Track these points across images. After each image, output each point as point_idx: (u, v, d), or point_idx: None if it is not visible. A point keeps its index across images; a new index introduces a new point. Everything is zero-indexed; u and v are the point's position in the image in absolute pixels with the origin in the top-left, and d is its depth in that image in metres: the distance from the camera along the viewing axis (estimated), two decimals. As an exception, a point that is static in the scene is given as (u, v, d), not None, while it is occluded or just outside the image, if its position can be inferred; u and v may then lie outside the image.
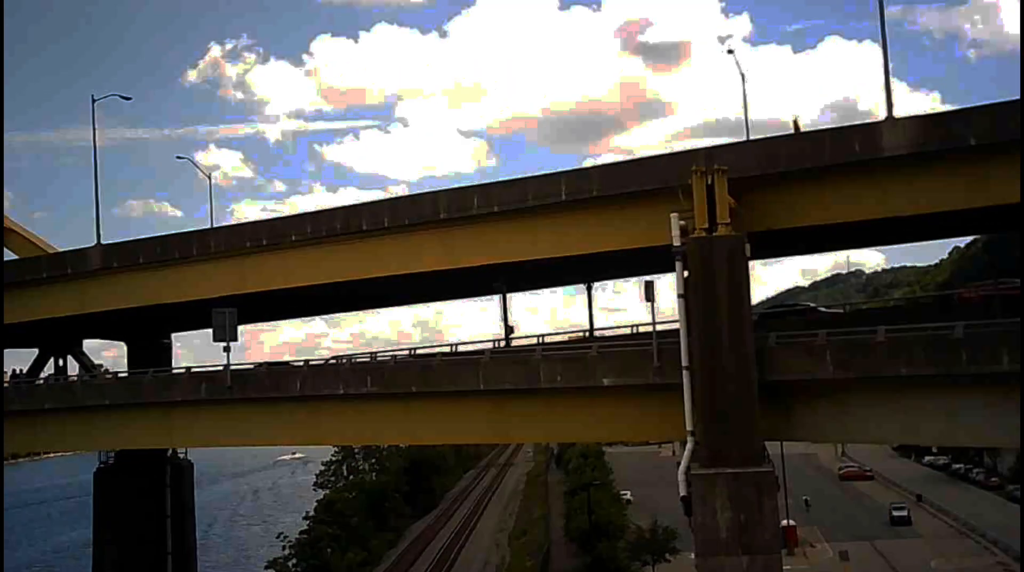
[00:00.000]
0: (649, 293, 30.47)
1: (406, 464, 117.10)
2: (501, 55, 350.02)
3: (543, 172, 34.10)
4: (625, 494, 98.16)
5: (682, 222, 28.49)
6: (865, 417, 27.83)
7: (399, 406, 35.68)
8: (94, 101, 45.99)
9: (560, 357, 32.51)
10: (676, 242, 28.46)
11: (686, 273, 28.44)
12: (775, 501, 27.43)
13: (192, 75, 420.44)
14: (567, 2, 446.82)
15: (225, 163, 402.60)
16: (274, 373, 38.71)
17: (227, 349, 37.27)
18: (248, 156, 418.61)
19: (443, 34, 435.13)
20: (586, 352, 31.70)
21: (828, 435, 30.15)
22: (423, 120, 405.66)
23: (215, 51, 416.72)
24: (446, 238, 35.44)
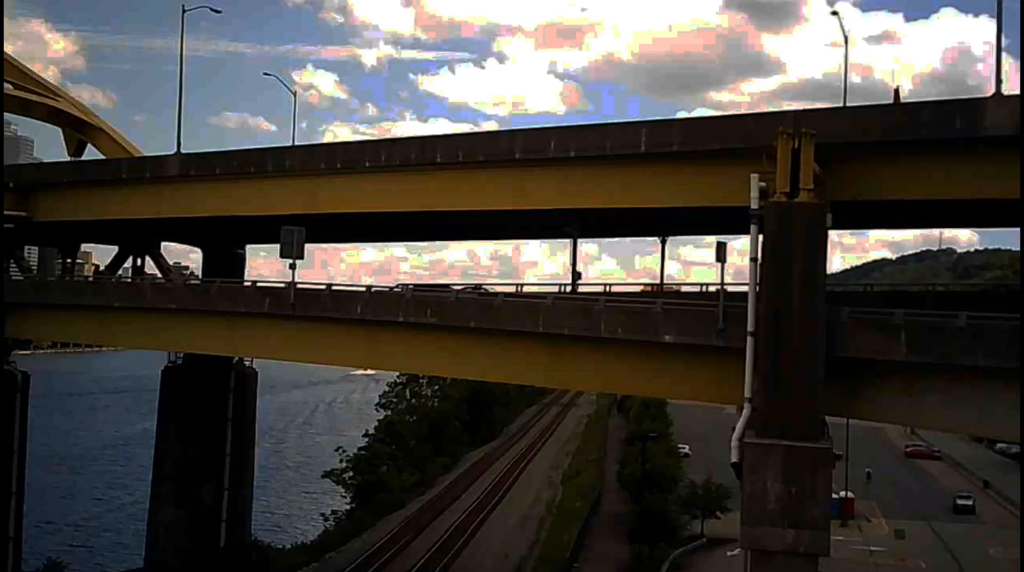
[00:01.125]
0: (721, 254, 29.53)
1: (468, 394, 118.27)
2: (603, 0, 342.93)
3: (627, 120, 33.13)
4: (683, 448, 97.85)
5: (762, 184, 27.31)
6: (936, 404, 26.66)
7: (457, 339, 35.44)
8: (184, 11, 46.05)
9: (623, 309, 31.80)
10: (754, 204, 27.29)
11: (761, 237, 27.42)
12: (829, 478, 26.57)
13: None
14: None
15: (321, 84, 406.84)
16: (336, 295, 38.76)
17: (293, 266, 37.33)
18: (343, 79, 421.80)
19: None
20: (650, 306, 30.94)
21: (895, 418, 29.12)
22: (519, 58, 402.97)
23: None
24: (520, 178, 34.67)
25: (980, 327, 25.06)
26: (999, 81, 26.53)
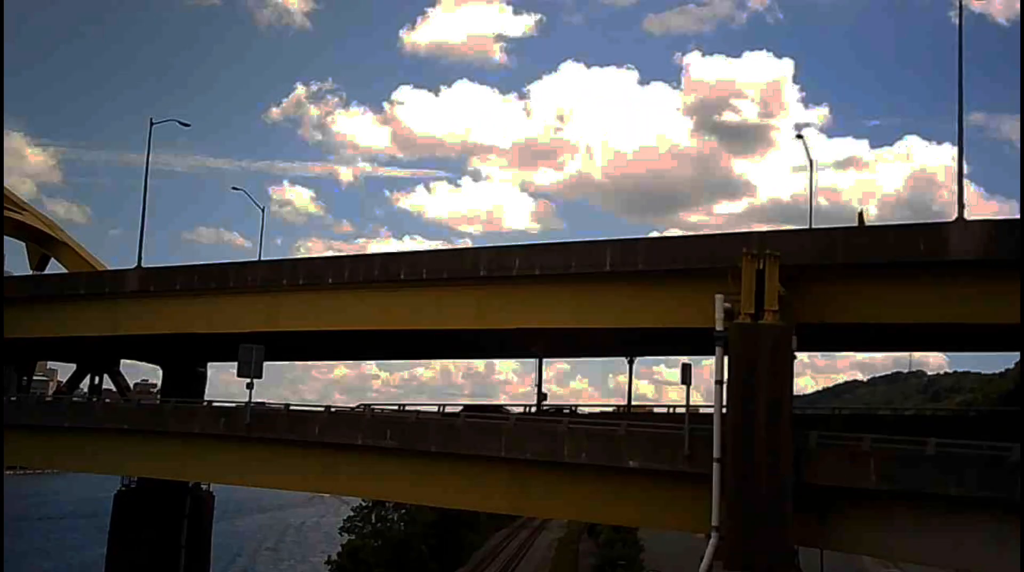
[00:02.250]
0: (686, 376, 28.94)
1: (435, 517, 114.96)
2: (577, 121, 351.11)
3: (592, 239, 32.91)
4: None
5: (727, 305, 26.99)
6: (909, 534, 25.70)
7: (418, 464, 34.25)
8: (152, 124, 46.16)
9: (586, 432, 30.95)
10: (719, 326, 26.93)
11: (726, 359, 26.88)
12: (800, 614, 25.52)
13: (276, 112, 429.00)
14: (646, 77, 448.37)
15: (297, 200, 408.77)
16: (293, 415, 37.66)
17: (250, 386, 36.35)
18: (320, 195, 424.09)
19: (522, 95, 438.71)
20: (614, 429, 30.12)
21: (867, 548, 28.02)
22: (494, 176, 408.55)
23: (300, 90, 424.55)
24: (483, 297, 34.21)
25: (950, 455, 24.39)
26: (961, 206, 26.60)
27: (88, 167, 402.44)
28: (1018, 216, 29.35)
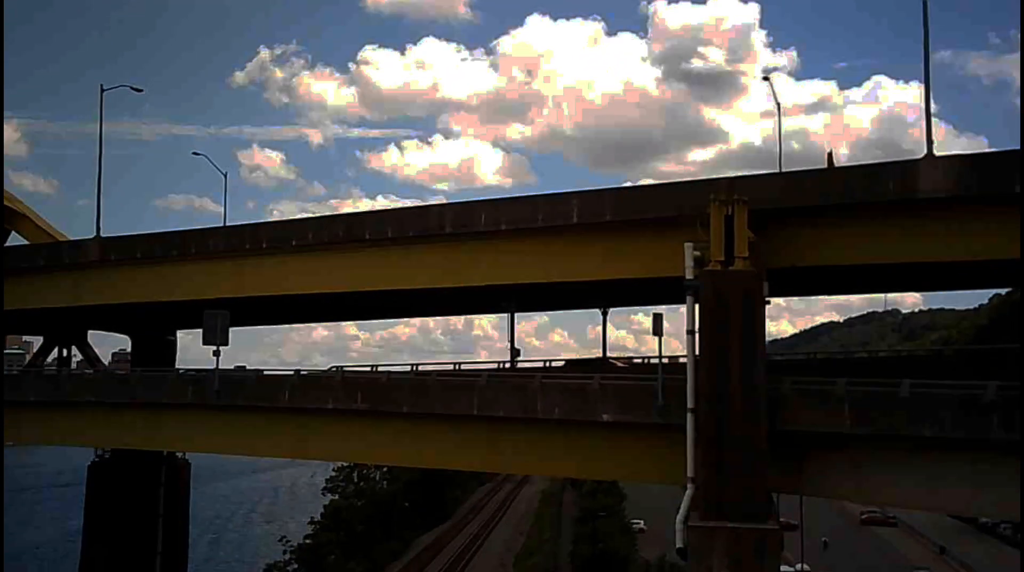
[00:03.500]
0: (657, 327, 28.45)
1: (418, 475, 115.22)
2: (545, 75, 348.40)
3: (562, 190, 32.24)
4: (637, 523, 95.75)
5: (697, 253, 26.47)
6: (884, 478, 25.54)
7: (390, 425, 33.78)
8: (103, 90, 44.80)
9: (559, 387, 30.49)
10: (689, 274, 26.42)
11: (697, 307, 26.43)
12: (778, 560, 25.35)
13: (240, 77, 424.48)
14: (613, 27, 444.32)
15: (268, 164, 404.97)
16: (263, 381, 37.05)
17: (216, 353, 35.65)
18: (290, 159, 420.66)
19: (489, 51, 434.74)
20: (587, 383, 29.69)
21: (843, 494, 27.93)
22: (464, 133, 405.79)
23: (264, 54, 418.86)
24: (451, 254, 33.57)
25: (924, 396, 24.11)
26: (930, 142, 26.09)
27: (54, 139, 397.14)
28: (986, 150, 28.92)
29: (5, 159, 44.21)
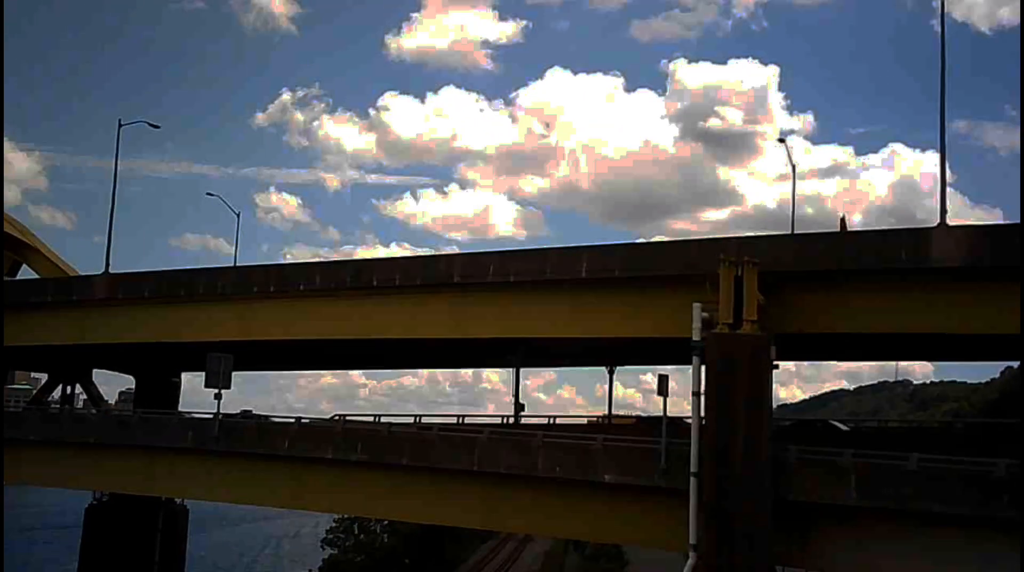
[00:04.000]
0: (662, 388, 28.05)
1: (419, 529, 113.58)
2: (563, 128, 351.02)
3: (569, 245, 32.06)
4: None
5: (705, 314, 26.20)
6: (889, 553, 24.83)
7: (390, 478, 33.27)
8: (120, 126, 45.12)
9: (561, 445, 30.01)
10: (696, 335, 26.11)
11: (703, 369, 26.05)
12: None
13: (261, 118, 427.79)
14: (632, 84, 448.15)
15: (284, 207, 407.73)
16: (263, 428, 36.64)
17: (218, 396, 35.37)
18: (306, 202, 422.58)
19: (508, 102, 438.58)
20: (590, 443, 29.21)
21: (848, 568, 27.17)
22: (480, 183, 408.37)
23: (286, 97, 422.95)
24: (458, 305, 33.30)
25: (932, 469, 23.57)
26: (943, 211, 25.90)
27: (74, 173, 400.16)
28: (1001, 222, 28.69)
29: (25, 193, 44.34)
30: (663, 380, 28.15)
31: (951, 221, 25.97)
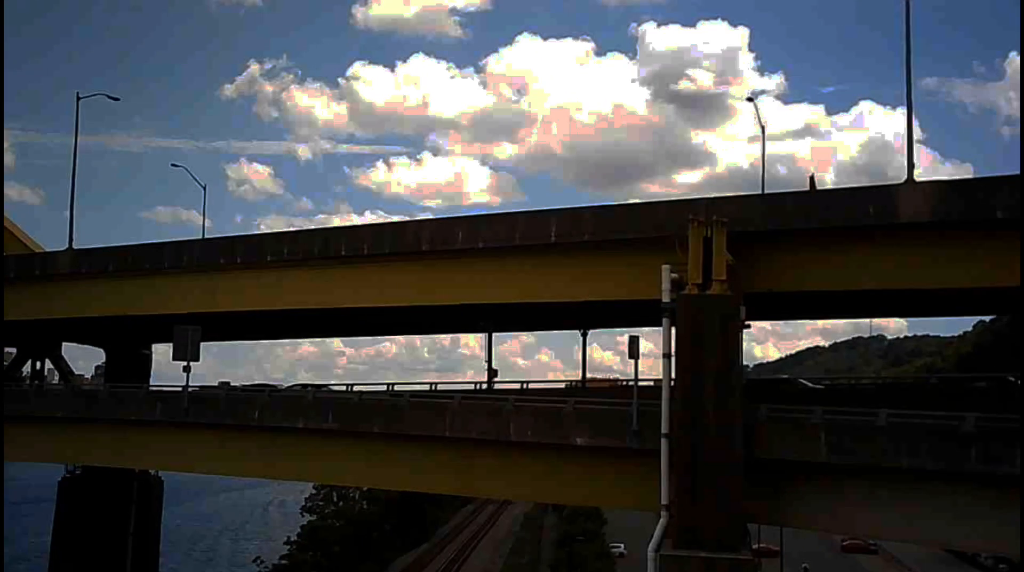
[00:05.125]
0: (634, 350, 27.91)
1: (398, 495, 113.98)
2: (534, 94, 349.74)
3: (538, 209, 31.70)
4: (618, 547, 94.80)
5: (675, 275, 26.00)
6: (860, 509, 25.03)
7: (361, 446, 33.15)
8: (79, 99, 44.09)
9: (533, 410, 29.86)
10: (666, 297, 25.94)
11: (674, 331, 25.91)
12: (753, 592, 24.72)
13: (230, 90, 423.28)
14: (602, 48, 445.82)
15: (256, 178, 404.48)
16: (232, 399, 36.30)
17: (187, 369, 34.99)
18: (278, 173, 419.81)
19: (479, 69, 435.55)
20: (561, 407, 29.08)
21: (819, 524, 27.27)
22: (453, 151, 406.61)
23: (254, 68, 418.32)
24: (427, 272, 32.93)
25: (902, 426, 23.59)
26: (911, 167, 25.79)
27: (42, 149, 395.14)
28: (971, 176, 28.58)
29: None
30: (634, 341, 28.01)
31: (921, 178, 25.87)
